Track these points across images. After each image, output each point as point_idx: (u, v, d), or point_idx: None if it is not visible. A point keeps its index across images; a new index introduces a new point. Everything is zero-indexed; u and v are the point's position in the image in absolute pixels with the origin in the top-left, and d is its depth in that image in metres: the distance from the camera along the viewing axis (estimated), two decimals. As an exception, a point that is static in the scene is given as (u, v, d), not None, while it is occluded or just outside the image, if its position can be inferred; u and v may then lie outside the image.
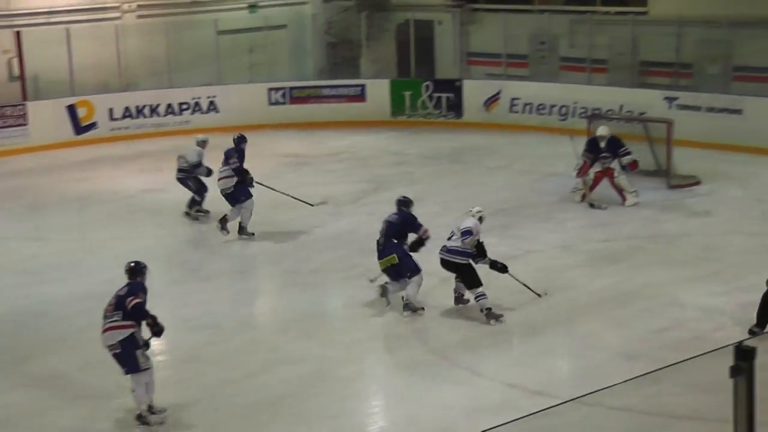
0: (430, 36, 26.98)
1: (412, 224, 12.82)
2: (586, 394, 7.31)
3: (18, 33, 23.45)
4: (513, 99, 23.69)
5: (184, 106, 24.33)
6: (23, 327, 12.69)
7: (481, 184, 18.68)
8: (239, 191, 15.71)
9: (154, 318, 9.86)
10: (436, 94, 24.49)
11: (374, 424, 10.14)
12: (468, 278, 12.22)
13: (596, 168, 16.93)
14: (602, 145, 16.86)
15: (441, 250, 12.40)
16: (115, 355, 9.91)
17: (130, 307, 9.77)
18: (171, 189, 19.01)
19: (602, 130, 17.10)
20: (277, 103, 24.74)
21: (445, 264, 12.41)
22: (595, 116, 18.85)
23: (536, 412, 6.89)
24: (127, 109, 23.86)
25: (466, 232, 12.20)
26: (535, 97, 23.40)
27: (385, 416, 10.28)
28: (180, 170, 17.08)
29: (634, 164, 16.94)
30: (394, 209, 12.95)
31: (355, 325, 12.29)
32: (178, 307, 13.01)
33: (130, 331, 9.83)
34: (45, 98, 23.48)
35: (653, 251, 14.55)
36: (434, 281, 13.46)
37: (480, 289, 12.08)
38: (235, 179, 15.71)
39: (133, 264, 10.31)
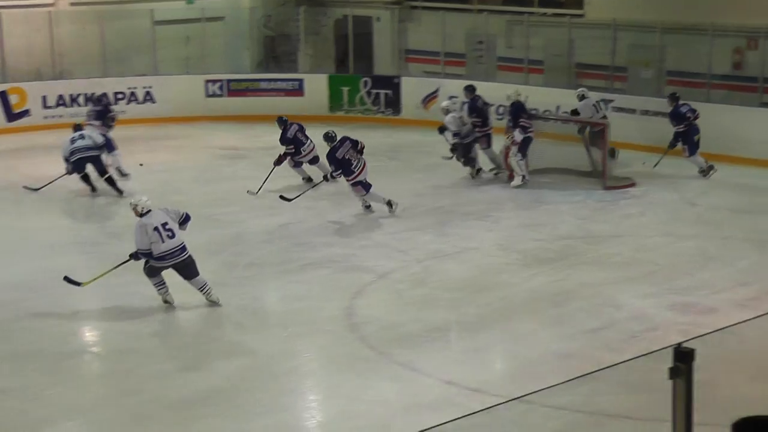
0: (369, 32, 27.00)
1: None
2: (527, 394, 7.36)
3: (-52, 16, 23.05)
4: (451, 97, 23.70)
5: (120, 96, 24.03)
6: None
7: (417, 182, 18.72)
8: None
9: None
10: (374, 91, 24.51)
11: (311, 419, 10.11)
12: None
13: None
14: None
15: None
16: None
17: None
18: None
19: (510, 92, 18.57)
20: (214, 95, 24.56)
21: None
22: (532, 117, 18.95)
23: (476, 412, 6.92)
24: (60, 97, 23.53)
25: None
26: (473, 95, 23.46)
27: (322, 412, 10.24)
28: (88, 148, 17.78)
29: (515, 142, 17.83)
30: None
31: (292, 320, 12.24)
32: (111, 298, 12.86)
33: None
34: (-25, 84, 23.11)
35: (588, 251, 14.69)
36: (371, 277, 13.50)
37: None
38: None
39: None
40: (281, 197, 16.85)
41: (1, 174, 19.10)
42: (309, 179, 18.05)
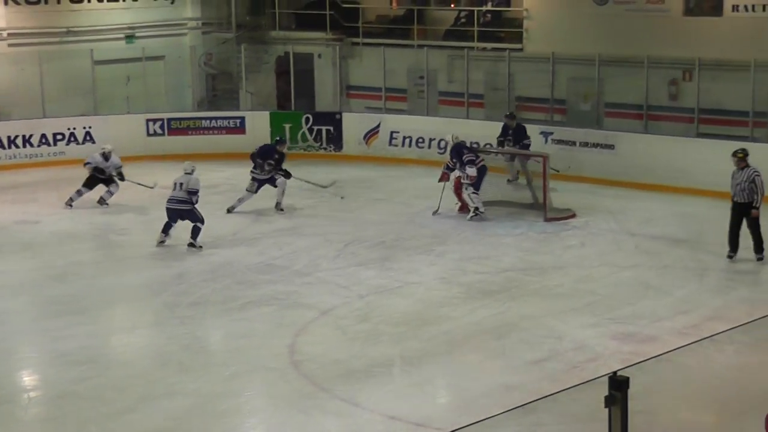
0: (310, 69, 27.07)
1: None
2: (467, 426, 7.36)
3: None
4: (392, 132, 23.89)
5: (59, 137, 23.82)
6: None
7: (360, 217, 18.74)
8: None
9: None
10: (316, 127, 24.53)
11: (254, 458, 10.04)
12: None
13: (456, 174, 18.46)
14: (447, 150, 18.68)
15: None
16: None
17: None
18: (45, 220, 18.69)
19: (448, 137, 18.87)
20: (155, 134, 24.46)
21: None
22: (472, 150, 19.09)
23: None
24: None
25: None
26: (414, 130, 23.64)
27: (265, 450, 10.17)
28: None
29: (472, 178, 18.05)
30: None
31: (234, 359, 12.16)
32: (51, 341, 12.71)
33: None
34: None
35: (530, 283, 14.77)
36: (314, 314, 13.46)
37: None
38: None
39: None
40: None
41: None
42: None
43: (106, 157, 19.63)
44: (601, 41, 22.02)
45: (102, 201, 19.58)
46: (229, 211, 18.98)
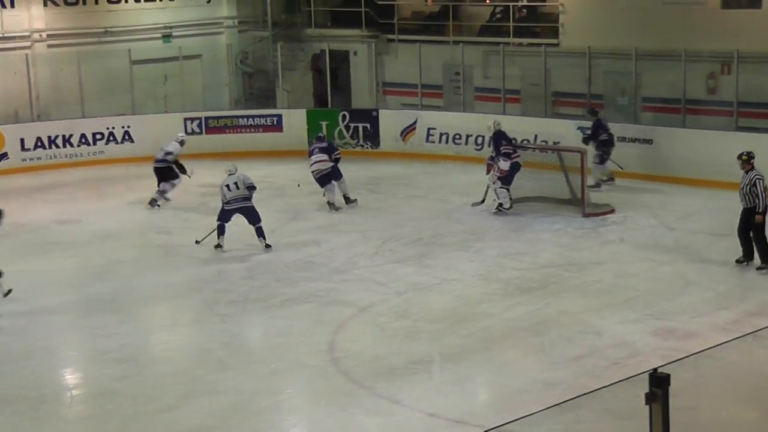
0: (346, 66, 27.11)
1: None
2: (506, 423, 7.35)
3: (-74, 61, 23.04)
4: (429, 129, 23.86)
5: (98, 136, 24.03)
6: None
7: (397, 214, 18.74)
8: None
9: None
10: (352, 124, 24.56)
11: (294, 455, 10.08)
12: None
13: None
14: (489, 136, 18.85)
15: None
16: None
17: None
18: (85, 219, 18.85)
19: (490, 122, 19.01)
20: (193, 133, 24.57)
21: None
22: (511, 143, 19.05)
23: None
24: (39, 139, 23.49)
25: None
26: (451, 127, 23.60)
27: (305, 448, 10.21)
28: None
29: (503, 171, 18.12)
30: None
31: (273, 356, 12.22)
32: (93, 339, 12.85)
33: None
34: (-47, 128, 23.10)
35: (568, 279, 14.72)
36: (352, 311, 13.49)
37: None
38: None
39: None
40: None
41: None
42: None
43: (182, 143, 20.32)
44: (637, 35, 21.86)
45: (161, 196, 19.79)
46: None
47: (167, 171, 19.97)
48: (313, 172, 19.14)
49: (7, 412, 10.76)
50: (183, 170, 19.92)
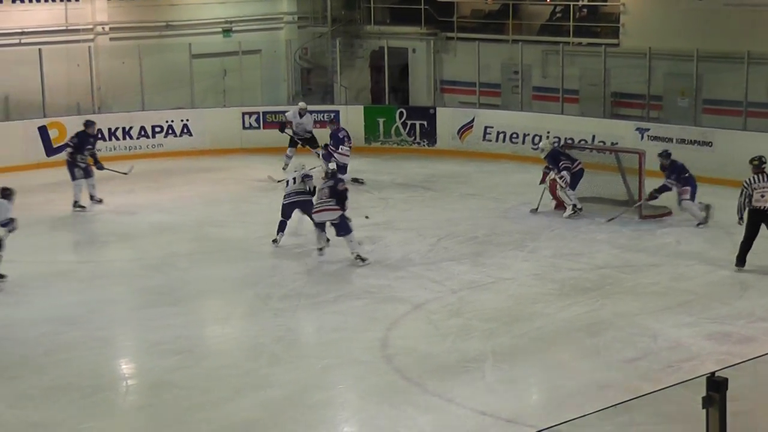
0: (405, 63, 27.13)
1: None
2: (559, 424, 7.31)
3: (-10, 53, 23.38)
4: (486, 127, 23.81)
5: (157, 129, 24.25)
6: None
7: (453, 212, 18.72)
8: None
9: None
10: (409, 122, 24.56)
11: (345, 451, 10.10)
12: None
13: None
14: (542, 157, 18.36)
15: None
16: None
17: None
18: (142, 212, 19.03)
19: (542, 144, 19.06)
20: (251, 127, 24.73)
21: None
22: (567, 146, 18.97)
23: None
24: (99, 131, 23.70)
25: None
26: (508, 126, 23.53)
27: (356, 443, 10.23)
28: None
29: (553, 182, 18.11)
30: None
31: (326, 351, 12.25)
32: (148, 331, 12.96)
33: None
34: (16, 119, 23.38)
35: (624, 281, 14.61)
36: (406, 308, 13.49)
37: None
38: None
39: None
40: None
41: (39, 208, 19.25)
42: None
43: (301, 114, 21.52)
44: (699, 36, 21.64)
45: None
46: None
47: (311, 141, 21.55)
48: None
49: (62, 400, 10.88)
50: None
